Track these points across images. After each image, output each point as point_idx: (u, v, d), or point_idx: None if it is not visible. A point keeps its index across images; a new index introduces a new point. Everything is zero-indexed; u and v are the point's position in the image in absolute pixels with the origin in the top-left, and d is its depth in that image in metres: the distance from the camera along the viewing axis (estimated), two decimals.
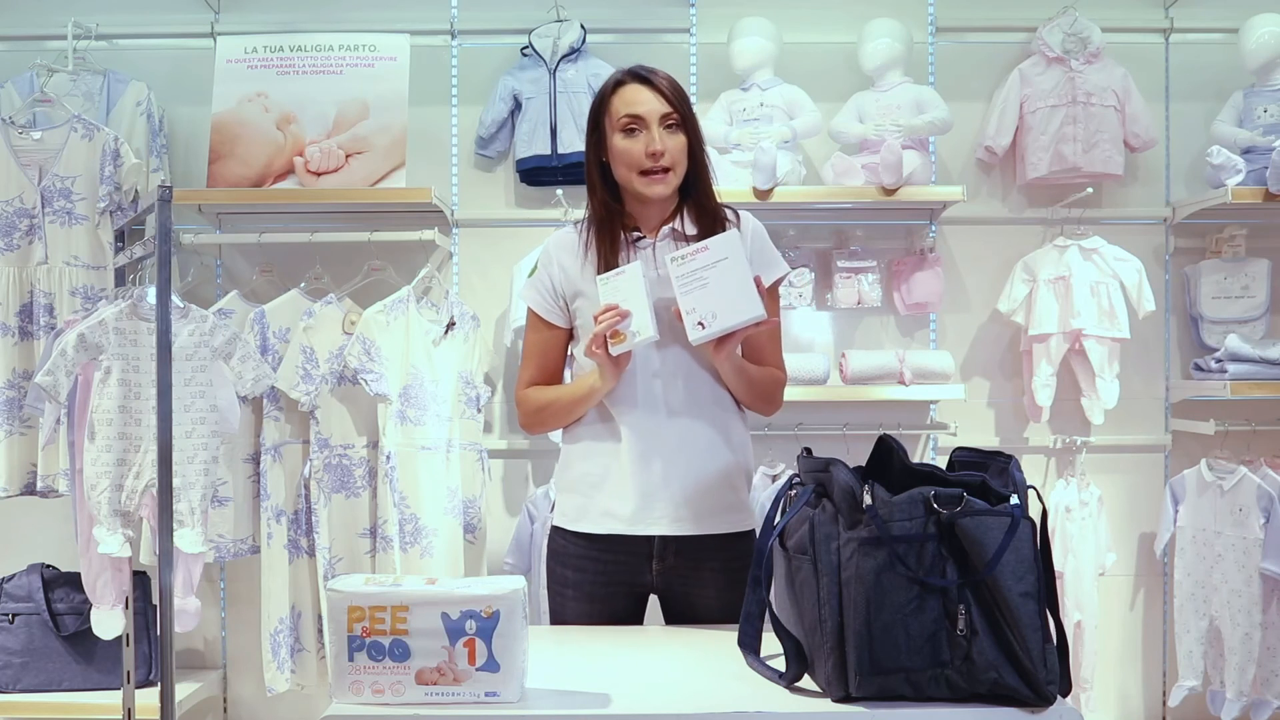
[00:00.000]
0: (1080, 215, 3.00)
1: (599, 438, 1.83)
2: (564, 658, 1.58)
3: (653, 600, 1.90)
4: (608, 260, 1.80)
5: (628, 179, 1.80)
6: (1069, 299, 2.89)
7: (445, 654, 1.33)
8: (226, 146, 2.86)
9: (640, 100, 1.78)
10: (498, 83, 3.00)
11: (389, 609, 1.33)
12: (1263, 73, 2.90)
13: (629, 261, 1.79)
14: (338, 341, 2.77)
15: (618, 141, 1.79)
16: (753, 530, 1.87)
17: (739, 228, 1.83)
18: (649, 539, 1.81)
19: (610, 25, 3.08)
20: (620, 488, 1.80)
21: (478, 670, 1.33)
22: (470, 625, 1.33)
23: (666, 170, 1.77)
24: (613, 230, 1.82)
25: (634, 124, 1.77)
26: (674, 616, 1.87)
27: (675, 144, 1.78)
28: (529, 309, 1.89)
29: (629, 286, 1.71)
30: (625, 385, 1.79)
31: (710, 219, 1.82)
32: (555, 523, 1.90)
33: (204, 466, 2.42)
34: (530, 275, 1.93)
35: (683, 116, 1.79)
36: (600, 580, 1.83)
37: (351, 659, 1.34)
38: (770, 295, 1.84)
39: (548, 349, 1.89)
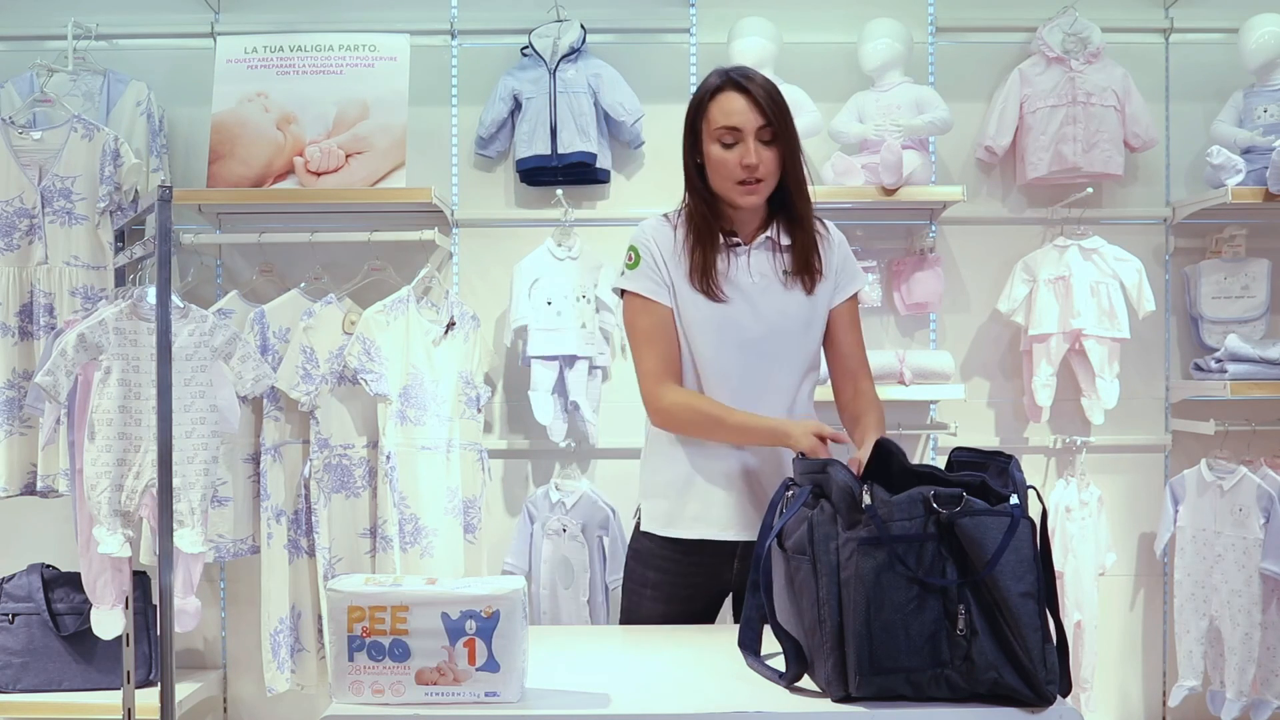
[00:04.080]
0: (1080, 215, 3.00)
1: (687, 443, 1.86)
2: (564, 658, 1.58)
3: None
4: (705, 262, 1.82)
5: (723, 188, 1.82)
6: (1069, 299, 2.89)
7: (445, 654, 1.33)
8: (226, 146, 2.86)
9: (737, 110, 1.79)
10: (498, 83, 3.00)
11: (389, 609, 1.33)
12: (1263, 73, 2.90)
13: (728, 265, 1.84)
14: (338, 341, 2.77)
15: (715, 151, 1.81)
16: None
17: (828, 240, 1.91)
18: (735, 542, 1.84)
19: (610, 25, 3.07)
20: (710, 494, 1.83)
21: (478, 670, 1.33)
22: (470, 625, 1.33)
23: (759, 181, 1.80)
24: (712, 233, 1.84)
25: (730, 135, 1.79)
26: None
27: (769, 156, 1.80)
28: (633, 295, 1.85)
29: None
30: (720, 392, 1.83)
31: (803, 231, 1.87)
32: (644, 527, 1.91)
33: (204, 466, 2.42)
34: (631, 267, 1.87)
35: (779, 128, 1.80)
36: (681, 582, 1.87)
37: (351, 659, 1.34)
38: (854, 300, 1.93)
39: (666, 330, 1.85)
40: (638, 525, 1.93)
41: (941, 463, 1.52)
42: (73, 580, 2.76)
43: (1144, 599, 3.11)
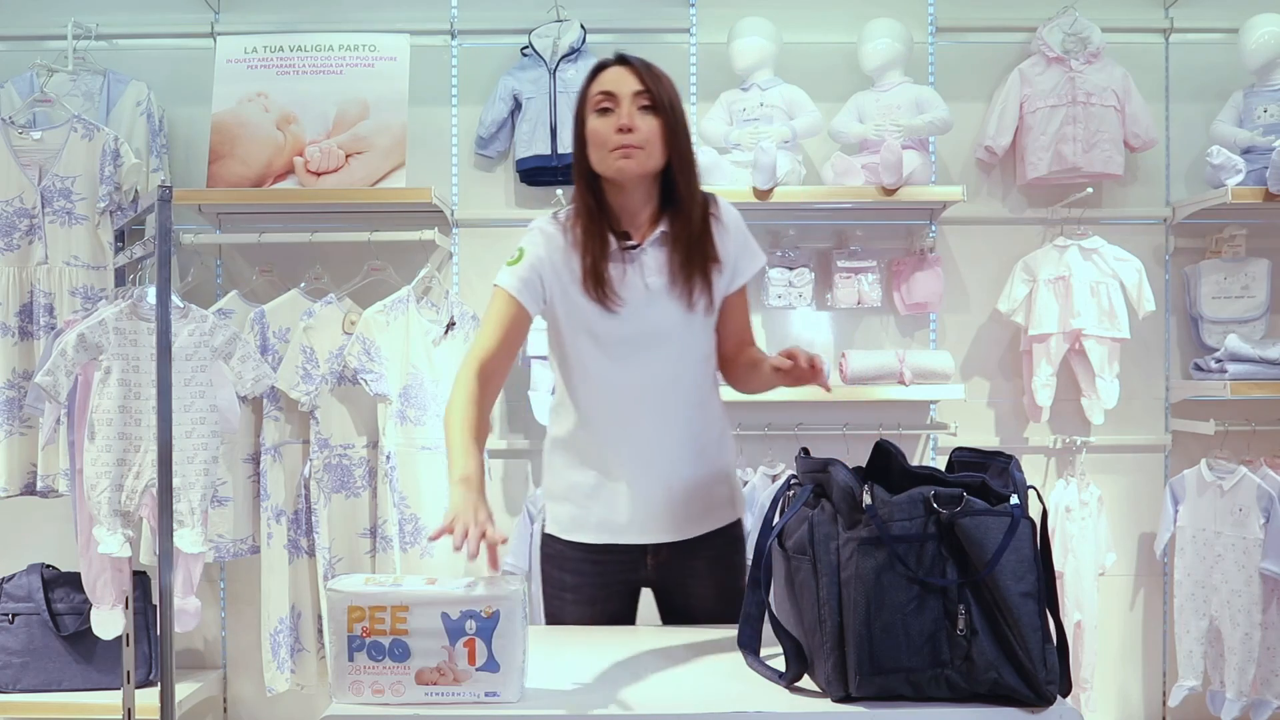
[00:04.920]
0: (1080, 215, 3.00)
1: (586, 448, 1.80)
2: (564, 658, 1.58)
3: (645, 594, 1.91)
4: (596, 267, 1.72)
5: (600, 159, 1.71)
6: (1069, 299, 2.89)
7: (445, 654, 1.33)
8: (226, 146, 2.86)
9: (612, 79, 1.72)
10: (498, 83, 3.00)
11: (389, 609, 1.33)
12: (1263, 73, 2.90)
13: (621, 268, 1.73)
14: (338, 341, 2.77)
15: (591, 122, 1.72)
16: (740, 518, 1.90)
17: (719, 217, 1.79)
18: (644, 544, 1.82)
19: (610, 25, 3.07)
20: (613, 500, 1.79)
21: (478, 670, 1.33)
22: (470, 625, 1.33)
23: (637, 147, 1.68)
24: (601, 235, 1.74)
25: (607, 101, 1.71)
26: (669, 608, 1.89)
27: (648, 124, 1.69)
28: (502, 290, 1.73)
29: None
30: (605, 401, 1.77)
31: (686, 218, 1.74)
32: (548, 530, 1.87)
33: (204, 466, 2.42)
34: (513, 263, 1.76)
35: (659, 100, 1.70)
36: (599, 583, 1.83)
37: (351, 659, 1.34)
38: (744, 289, 1.85)
39: (515, 326, 1.73)
40: (544, 527, 1.89)
41: (941, 463, 1.52)
42: (73, 580, 2.76)
43: (1144, 599, 3.11)
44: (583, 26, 2.98)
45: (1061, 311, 2.91)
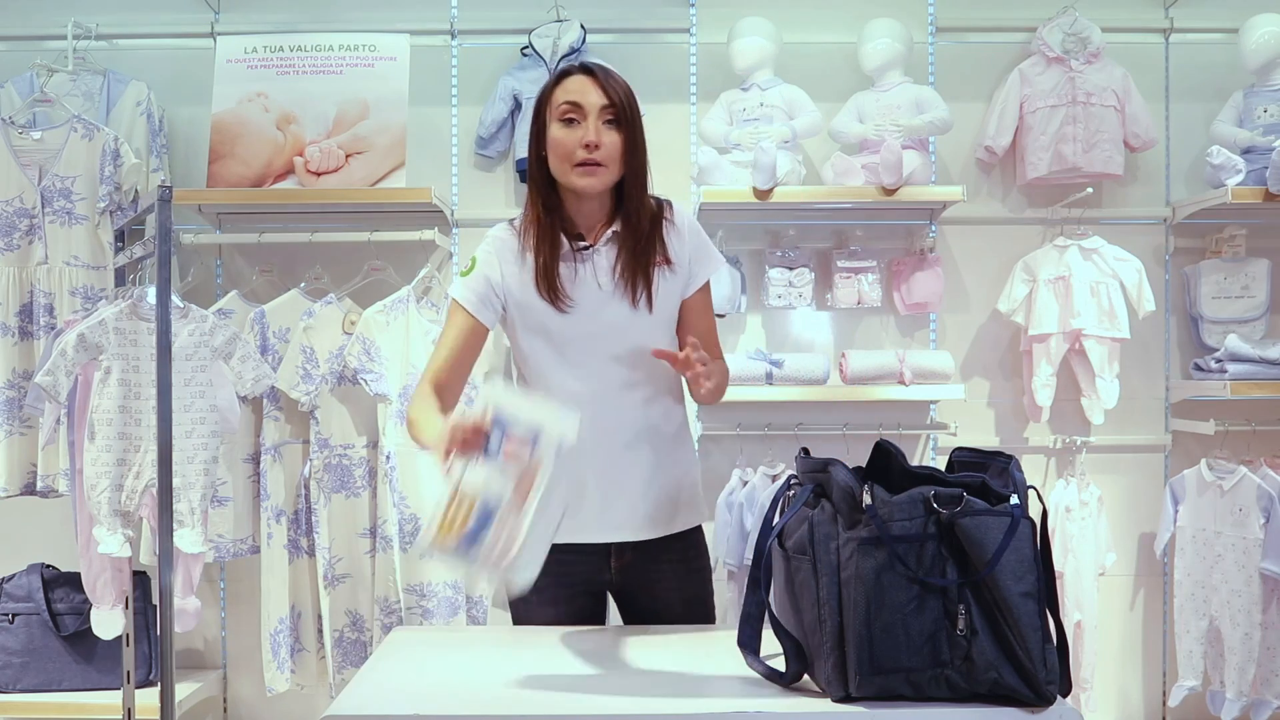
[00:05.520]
0: (1080, 215, 3.00)
1: None
2: (564, 658, 1.58)
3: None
4: (548, 268, 1.75)
5: (561, 171, 1.74)
6: (1069, 299, 2.89)
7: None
8: (226, 146, 2.86)
9: (579, 90, 1.73)
10: (498, 83, 3.00)
11: (456, 514, 1.36)
12: (1263, 73, 2.90)
13: (572, 268, 1.75)
14: (338, 341, 2.77)
15: (555, 131, 1.74)
16: (701, 525, 1.91)
17: (673, 221, 1.81)
18: (607, 543, 1.83)
19: (610, 25, 3.07)
20: (575, 497, 1.78)
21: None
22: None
23: (601, 165, 1.72)
24: (554, 235, 1.76)
25: (572, 113, 1.72)
26: (632, 612, 1.89)
27: (611, 140, 1.72)
28: (457, 304, 1.77)
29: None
30: (562, 402, 1.74)
31: (635, 221, 1.77)
32: None
33: (204, 466, 2.43)
34: (465, 274, 1.80)
35: (623, 115, 1.74)
36: (563, 582, 1.80)
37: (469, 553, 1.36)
38: (704, 293, 1.85)
39: (469, 340, 1.78)
40: None
41: (941, 463, 1.52)
42: (73, 580, 2.76)
43: (1144, 599, 3.11)
44: (583, 26, 2.98)
45: (1061, 311, 2.91)
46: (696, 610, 1.87)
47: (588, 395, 1.75)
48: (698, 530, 1.90)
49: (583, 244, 1.78)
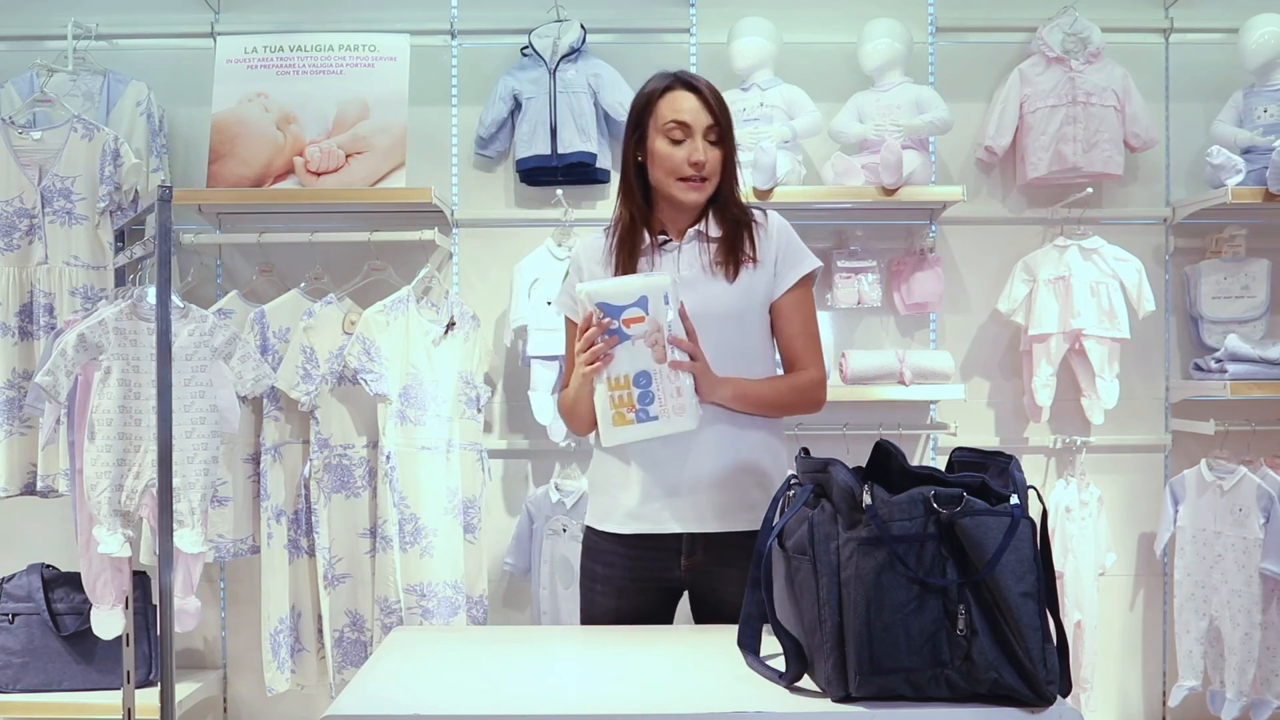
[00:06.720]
0: (1080, 215, 3.00)
1: None
2: (564, 658, 1.58)
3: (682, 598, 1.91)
4: (627, 265, 1.84)
5: (665, 183, 1.84)
6: (1069, 299, 2.89)
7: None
8: (226, 146, 2.86)
9: (689, 108, 1.82)
10: (498, 83, 3.00)
11: (619, 392, 1.67)
12: (1263, 73, 2.90)
13: (652, 265, 1.85)
14: (338, 341, 2.77)
15: (661, 145, 1.82)
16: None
17: (763, 225, 1.89)
18: (677, 536, 1.82)
19: (610, 25, 3.07)
20: (641, 488, 1.81)
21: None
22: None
23: (705, 180, 1.82)
24: (634, 237, 1.86)
25: (679, 131, 1.81)
26: (702, 612, 1.89)
27: (715, 156, 1.83)
28: (569, 319, 1.89)
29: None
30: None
31: (734, 223, 1.86)
32: (587, 521, 1.92)
33: (204, 466, 2.42)
34: (565, 281, 1.96)
35: (724, 130, 1.84)
36: (629, 576, 1.85)
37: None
38: (803, 288, 1.90)
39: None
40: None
41: (941, 463, 1.52)
42: (73, 580, 2.76)
43: (1144, 599, 3.11)
44: (583, 26, 2.98)
45: (1061, 311, 2.91)
46: None
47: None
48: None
49: (665, 239, 1.88)
